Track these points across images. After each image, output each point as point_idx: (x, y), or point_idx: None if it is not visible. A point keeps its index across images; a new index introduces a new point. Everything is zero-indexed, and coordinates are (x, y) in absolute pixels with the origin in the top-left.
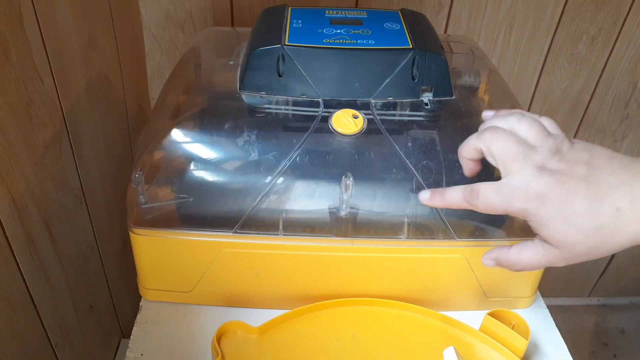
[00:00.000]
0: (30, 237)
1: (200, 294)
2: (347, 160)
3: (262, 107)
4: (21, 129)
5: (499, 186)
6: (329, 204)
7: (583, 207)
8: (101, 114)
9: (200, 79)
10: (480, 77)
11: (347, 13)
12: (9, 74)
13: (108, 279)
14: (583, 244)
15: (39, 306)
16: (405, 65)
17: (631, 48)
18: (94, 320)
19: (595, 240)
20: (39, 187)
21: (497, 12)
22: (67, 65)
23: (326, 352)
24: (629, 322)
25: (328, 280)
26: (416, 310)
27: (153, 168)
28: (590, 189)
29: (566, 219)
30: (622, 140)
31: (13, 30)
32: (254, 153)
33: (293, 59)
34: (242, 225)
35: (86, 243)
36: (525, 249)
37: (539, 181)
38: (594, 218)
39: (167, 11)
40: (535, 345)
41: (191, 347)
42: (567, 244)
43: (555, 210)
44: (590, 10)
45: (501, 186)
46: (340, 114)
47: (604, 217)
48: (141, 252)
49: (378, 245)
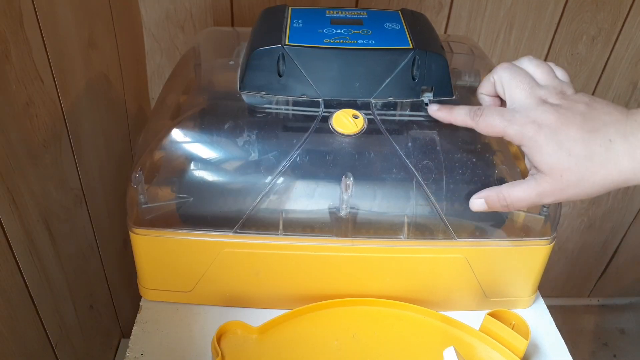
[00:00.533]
0: (30, 237)
1: (200, 294)
2: (347, 160)
3: (262, 107)
4: (21, 129)
5: (502, 110)
6: (329, 204)
7: (577, 135)
8: (101, 114)
9: (200, 79)
10: (481, 77)
11: (348, 13)
12: (9, 74)
13: (108, 279)
14: (573, 172)
15: (38, 306)
16: (406, 65)
17: (631, 48)
18: (94, 320)
19: (585, 168)
20: (39, 187)
21: (497, 12)
22: (67, 65)
23: (326, 352)
24: (628, 322)
25: (328, 280)
26: (416, 310)
27: (153, 168)
28: (587, 122)
29: (559, 144)
30: None
31: (13, 30)
32: (254, 153)
33: (293, 59)
34: (242, 225)
35: (86, 243)
36: (517, 183)
37: (539, 109)
38: (587, 145)
39: (167, 11)
40: (535, 345)
41: (191, 347)
42: (558, 170)
43: (550, 135)
44: (590, 11)
45: (504, 111)
46: (341, 114)
47: (596, 145)
48: (141, 252)
49: (378, 245)
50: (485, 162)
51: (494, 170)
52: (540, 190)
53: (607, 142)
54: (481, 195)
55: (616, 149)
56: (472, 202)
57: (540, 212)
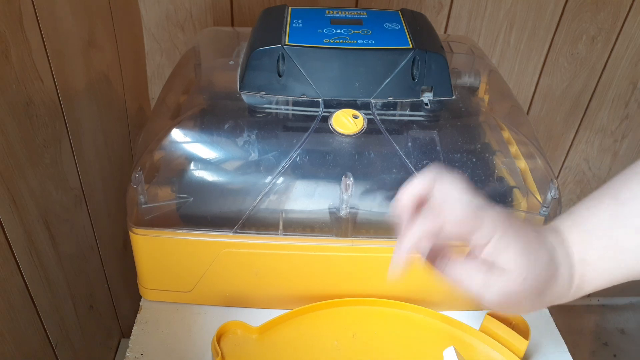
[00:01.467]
0: (30, 237)
1: (200, 294)
2: (347, 160)
3: (262, 107)
4: (21, 129)
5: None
6: (329, 204)
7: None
8: (101, 114)
9: (200, 79)
10: (480, 77)
11: (347, 13)
12: (9, 74)
13: (108, 279)
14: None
15: (39, 306)
16: (405, 65)
17: (631, 48)
18: (94, 320)
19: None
20: (39, 187)
21: (497, 12)
22: (67, 65)
23: (326, 352)
24: (629, 322)
25: (328, 280)
26: (416, 310)
27: (153, 168)
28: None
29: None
30: (622, 140)
31: (13, 30)
32: (254, 153)
33: (293, 59)
34: (242, 225)
35: (86, 243)
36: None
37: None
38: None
39: (167, 11)
40: (536, 345)
41: (191, 347)
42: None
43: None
44: (590, 10)
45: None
46: (341, 114)
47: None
48: (141, 252)
49: (378, 245)
50: (485, 162)
51: (494, 170)
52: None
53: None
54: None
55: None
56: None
57: (540, 212)
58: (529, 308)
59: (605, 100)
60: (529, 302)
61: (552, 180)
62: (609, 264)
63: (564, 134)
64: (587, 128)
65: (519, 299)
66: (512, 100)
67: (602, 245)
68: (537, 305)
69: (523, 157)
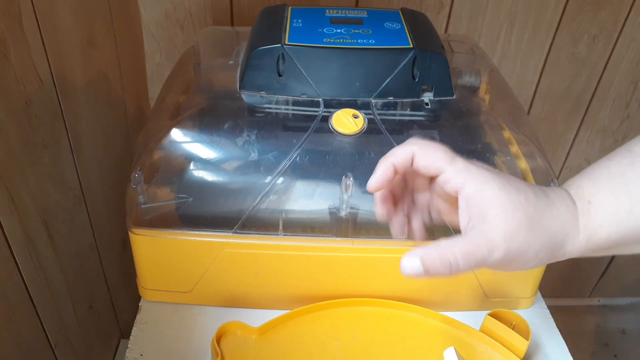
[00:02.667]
0: (29, 237)
1: (199, 294)
2: (347, 160)
3: (262, 107)
4: (20, 129)
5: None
6: (329, 204)
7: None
8: (100, 114)
9: (199, 78)
10: (481, 77)
11: (348, 12)
12: (8, 74)
13: (107, 279)
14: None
15: (38, 306)
16: (406, 64)
17: (632, 48)
18: (94, 321)
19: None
20: (38, 187)
21: (498, 11)
22: (66, 64)
23: (326, 352)
24: (629, 322)
25: (328, 280)
26: (416, 310)
27: (152, 168)
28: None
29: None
30: (623, 140)
31: (12, 30)
32: (253, 153)
33: (293, 59)
34: (242, 225)
35: (85, 243)
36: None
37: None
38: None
39: (166, 10)
40: (536, 345)
41: (191, 347)
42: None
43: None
44: (591, 10)
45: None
46: (341, 114)
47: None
48: (140, 252)
49: (378, 245)
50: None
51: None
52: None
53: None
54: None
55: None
56: (402, 264)
57: None
58: (531, 248)
59: (606, 100)
60: (527, 241)
61: (553, 181)
62: (620, 209)
63: (564, 134)
64: (588, 128)
65: (511, 235)
66: (512, 100)
67: (612, 189)
68: (541, 246)
69: (524, 157)
